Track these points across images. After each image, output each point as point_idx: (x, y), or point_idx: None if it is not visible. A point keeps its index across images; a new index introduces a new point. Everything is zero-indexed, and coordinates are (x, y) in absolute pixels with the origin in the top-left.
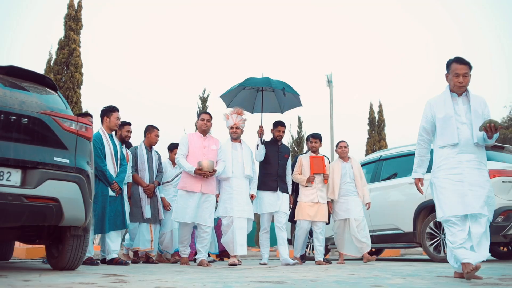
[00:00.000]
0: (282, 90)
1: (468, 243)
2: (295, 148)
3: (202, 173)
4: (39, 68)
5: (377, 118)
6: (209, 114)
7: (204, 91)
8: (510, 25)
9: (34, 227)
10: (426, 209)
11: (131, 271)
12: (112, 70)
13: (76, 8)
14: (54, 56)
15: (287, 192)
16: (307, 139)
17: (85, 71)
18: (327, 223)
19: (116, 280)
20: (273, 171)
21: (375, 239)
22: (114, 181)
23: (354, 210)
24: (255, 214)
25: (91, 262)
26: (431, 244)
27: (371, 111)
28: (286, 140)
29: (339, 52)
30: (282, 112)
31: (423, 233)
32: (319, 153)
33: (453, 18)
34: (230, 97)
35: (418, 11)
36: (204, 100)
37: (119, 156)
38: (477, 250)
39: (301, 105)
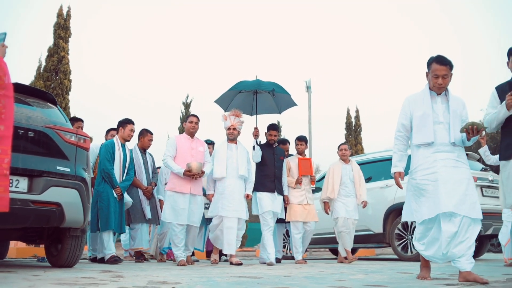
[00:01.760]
0: (271, 91)
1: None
2: None
3: (191, 175)
4: (29, 75)
5: (354, 123)
6: (197, 116)
7: (187, 96)
8: (490, 30)
9: (35, 228)
10: (395, 212)
11: (124, 268)
12: (102, 73)
13: (65, 17)
14: (43, 63)
15: (282, 194)
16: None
17: (75, 74)
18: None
19: (113, 275)
20: (270, 173)
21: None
22: (117, 186)
23: (352, 212)
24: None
25: (114, 259)
26: (399, 244)
27: (348, 116)
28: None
29: (318, 58)
30: (280, 113)
31: (392, 234)
32: (305, 155)
33: (431, 27)
34: (226, 102)
35: (396, 20)
36: (187, 105)
37: (127, 165)
38: (444, 254)
39: (296, 104)
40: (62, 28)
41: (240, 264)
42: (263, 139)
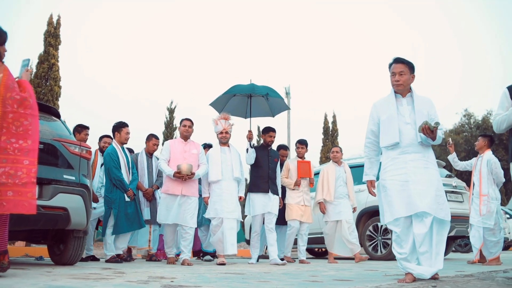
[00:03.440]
0: (265, 95)
1: (413, 254)
2: None
3: (180, 176)
4: None
5: (331, 128)
6: (190, 120)
7: (172, 102)
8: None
9: (41, 230)
10: (367, 215)
11: (120, 266)
12: (92, 76)
13: (55, 25)
14: (34, 70)
15: (277, 194)
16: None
17: (66, 76)
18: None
19: (115, 272)
20: (264, 174)
21: (324, 240)
22: (129, 188)
23: (346, 213)
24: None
25: (116, 260)
26: (370, 245)
27: (326, 121)
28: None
29: (297, 65)
30: (273, 116)
31: (364, 235)
32: (305, 158)
33: (407, 34)
34: (221, 105)
35: (371, 29)
36: (171, 111)
37: (130, 166)
38: (423, 260)
39: (288, 108)
40: (52, 36)
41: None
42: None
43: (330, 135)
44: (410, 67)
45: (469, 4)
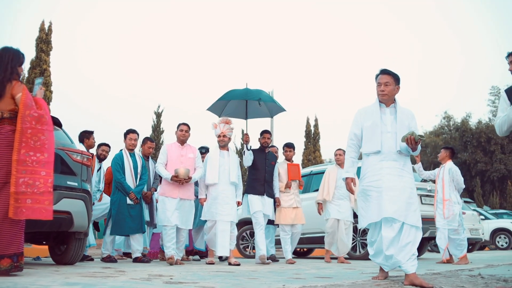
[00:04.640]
0: (258, 100)
1: (381, 254)
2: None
3: (178, 180)
4: None
5: (313, 131)
6: (187, 125)
7: (159, 106)
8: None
9: (43, 232)
10: None
11: (120, 265)
12: (81, 84)
13: (47, 31)
14: (26, 75)
15: (273, 197)
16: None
17: (55, 86)
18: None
19: (116, 270)
20: (260, 177)
21: (305, 240)
22: (131, 192)
23: (345, 213)
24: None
25: (110, 260)
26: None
27: (308, 125)
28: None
29: (280, 70)
30: (272, 117)
31: None
32: (293, 161)
33: (388, 39)
34: (219, 109)
35: (355, 33)
36: (158, 115)
37: (139, 171)
38: (388, 258)
39: (284, 109)
40: (44, 42)
41: (238, 264)
42: (254, 144)
43: (312, 138)
44: (396, 78)
45: (451, 6)
